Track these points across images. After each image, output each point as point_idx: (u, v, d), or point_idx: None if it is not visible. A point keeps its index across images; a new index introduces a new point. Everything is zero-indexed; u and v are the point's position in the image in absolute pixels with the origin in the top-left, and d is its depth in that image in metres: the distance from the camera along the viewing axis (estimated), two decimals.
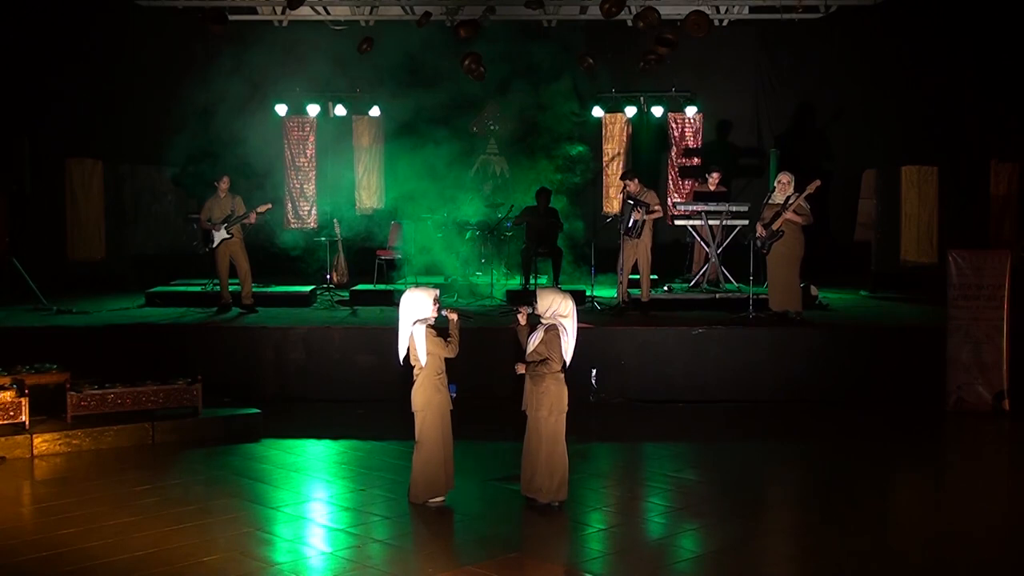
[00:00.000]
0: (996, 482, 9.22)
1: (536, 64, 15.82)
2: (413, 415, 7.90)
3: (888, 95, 15.41)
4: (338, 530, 7.53)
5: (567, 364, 7.79)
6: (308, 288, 14.39)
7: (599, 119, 17.14)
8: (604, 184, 17.24)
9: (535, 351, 7.71)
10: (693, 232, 14.59)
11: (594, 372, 11.44)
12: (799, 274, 12.39)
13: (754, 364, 11.63)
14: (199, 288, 14.31)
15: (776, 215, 12.21)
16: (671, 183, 17.13)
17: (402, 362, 7.89)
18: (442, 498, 7.93)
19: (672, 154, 17.19)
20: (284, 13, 16.04)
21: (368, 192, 17.33)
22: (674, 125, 17.12)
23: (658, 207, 12.85)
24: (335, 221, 15.12)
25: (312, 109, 16.86)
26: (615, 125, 17.21)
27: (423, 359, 7.74)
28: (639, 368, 11.65)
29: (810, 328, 12.13)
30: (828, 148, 16.91)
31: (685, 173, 17.05)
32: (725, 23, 16.51)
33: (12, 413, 9.37)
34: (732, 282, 14.11)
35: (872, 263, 16.01)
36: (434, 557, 7.01)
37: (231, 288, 13.32)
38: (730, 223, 13.97)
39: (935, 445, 10.40)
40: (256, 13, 16.24)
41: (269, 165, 16.18)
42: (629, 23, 14.42)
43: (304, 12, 15.68)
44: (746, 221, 13.77)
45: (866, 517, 7.87)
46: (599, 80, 16.49)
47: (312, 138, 17.19)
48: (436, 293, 7.84)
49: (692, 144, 17.14)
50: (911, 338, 11.85)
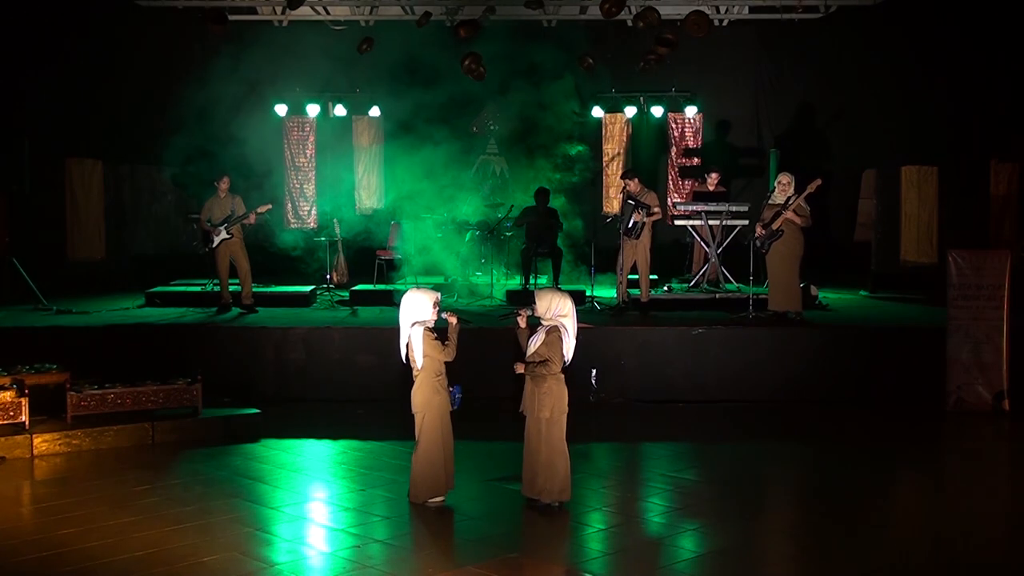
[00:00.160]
0: (996, 482, 9.21)
1: (536, 64, 15.81)
2: (413, 416, 7.90)
3: (888, 95, 15.41)
4: (338, 530, 7.53)
5: (567, 364, 7.80)
6: (308, 288, 14.39)
7: (599, 119, 17.16)
8: (604, 184, 17.24)
9: (536, 352, 7.69)
10: (693, 232, 14.58)
11: (594, 372, 11.44)
12: (799, 274, 12.41)
13: (754, 364, 11.63)
14: (199, 288, 14.31)
15: (776, 215, 12.22)
16: (671, 183, 17.13)
17: (403, 361, 7.90)
18: (442, 498, 7.92)
19: (672, 154, 17.19)
20: (284, 13, 16.04)
21: (368, 192, 17.33)
22: (674, 125, 17.12)
23: (658, 209, 12.85)
24: (335, 221, 15.12)
25: (312, 109, 16.87)
26: (615, 125, 17.21)
27: (419, 361, 7.77)
28: (639, 368, 11.65)
29: (810, 328, 12.13)
30: (828, 148, 16.91)
31: (685, 173, 17.05)
32: (725, 23, 16.50)
33: (12, 413, 9.37)
34: (732, 282, 14.11)
35: (872, 263, 16.00)
36: (434, 557, 7.01)
37: (231, 288, 13.32)
38: (730, 223, 13.97)
39: (935, 445, 10.40)
40: (256, 13, 16.24)
41: (269, 165, 16.19)
42: (629, 23, 14.42)
43: (304, 12, 15.67)
44: (746, 221, 13.77)
45: (866, 517, 7.87)
46: (599, 80, 16.49)
47: (312, 138, 17.20)
48: (437, 297, 7.83)
49: (692, 144, 17.14)
50: (911, 338, 11.85)
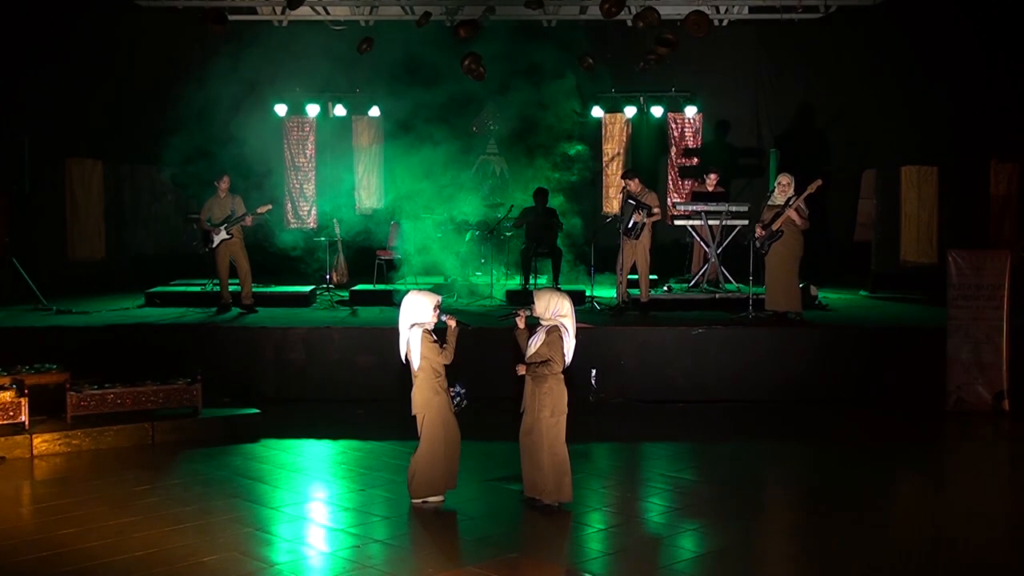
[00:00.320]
0: (996, 482, 9.22)
1: (536, 64, 15.81)
2: (414, 417, 7.91)
3: (888, 95, 15.42)
4: (338, 530, 7.53)
5: (567, 364, 7.80)
6: (308, 288, 14.39)
7: (599, 119, 17.15)
8: (604, 184, 17.24)
9: (537, 352, 7.69)
10: (693, 232, 14.58)
11: (594, 372, 11.44)
12: (799, 274, 12.41)
13: (754, 364, 11.63)
14: (199, 288, 14.31)
15: (775, 216, 12.22)
16: (671, 183, 17.13)
17: (403, 361, 7.91)
18: (441, 498, 7.93)
19: (672, 154, 17.19)
20: (284, 13, 16.04)
21: (368, 192, 17.33)
22: (674, 125, 17.12)
23: (658, 209, 12.85)
24: (335, 221, 15.12)
25: (312, 109, 16.87)
26: (615, 125, 17.21)
27: (416, 363, 7.78)
28: (639, 368, 11.65)
29: (810, 328, 12.13)
30: (828, 148, 16.91)
31: (684, 173, 17.05)
32: (725, 23, 16.50)
33: (12, 413, 9.37)
34: (732, 282, 14.11)
35: (872, 263, 16.01)
36: (434, 557, 7.00)
37: (231, 288, 13.33)
38: (730, 223, 13.97)
39: (935, 445, 10.39)
40: (256, 13, 16.24)
41: (269, 165, 16.19)
42: (629, 23, 14.41)
43: (304, 12, 15.67)
44: (746, 221, 13.76)
45: (866, 517, 7.87)
46: (599, 80, 16.48)
47: (312, 138, 17.20)
48: (438, 300, 7.85)
49: (692, 144, 17.14)
50: (911, 338, 11.85)
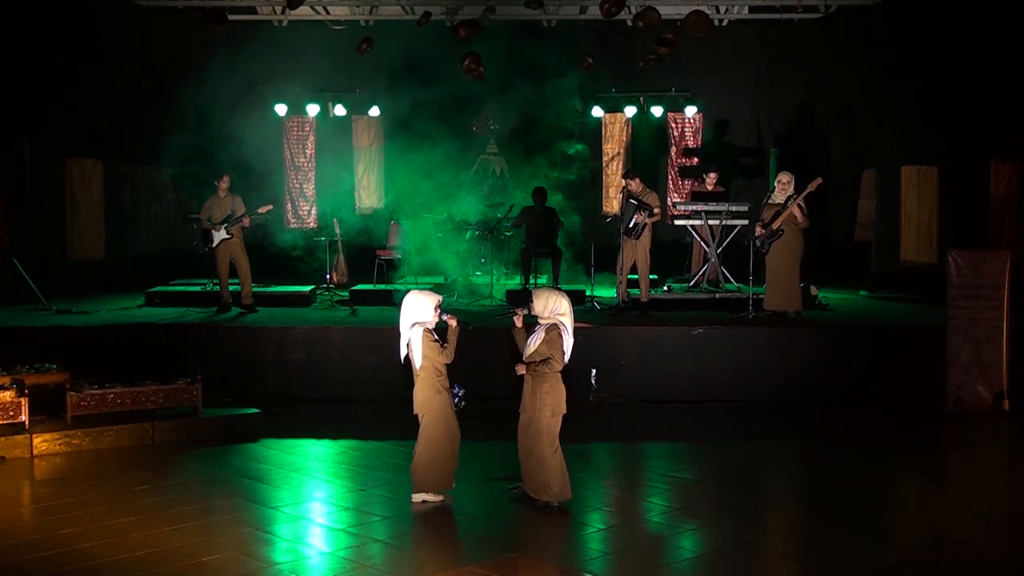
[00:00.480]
0: (996, 482, 9.22)
1: (536, 64, 15.80)
2: (416, 416, 7.92)
3: (888, 95, 15.41)
4: (338, 530, 7.53)
5: (566, 363, 7.81)
6: (308, 288, 14.39)
7: (599, 119, 17.15)
8: (604, 184, 17.24)
9: (537, 351, 7.69)
10: (693, 232, 14.58)
11: (594, 372, 11.44)
12: (799, 274, 12.40)
13: (754, 364, 11.63)
14: (199, 288, 14.31)
15: (776, 215, 12.22)
16: (671, 183, 17.13)
17: (402, 361, 7.92)
18: (441, 497, 7.94)
19: (672, 154, 17.19)
20: (284, 13, 16.04)
21: (368, 192, 17.33)
22: (674, 125, 17.12)
23: (659, 209, 12.85)
24: (335, 221, 15.12)
25: (312, 109, 16.87)
26: (615, 125, 17.21)
27: (418, 363, 7.79)
28: (639, 368, 11.65)
29: (810, 328, 12.13)
30: (828, 148, 16.91)
31: (684, 173, 17.04)
32: (725, 23, 16.50)
33: (12, 413, 9.38)
34: (732, 282, 14.11)
35: (872, 263, 16.01)
36: (434, 557, 7.00)
37: (231, 288, 13.33)
38: (730, 223, 13.97)
39: (935, 445, 10.40)
40: (256, 13, 16.24)
41: (268, 165, 16.17)
42: (629, 23, 14.41)
43: (304, 12, 15.67)
44: (746, 221, 13.76)
45: (866, 517, 7.87)
46: (599, 80, 16.48)
47: (312, 138, 17.19)
48: (439, 299, 7.87)
49: (692, 144, 17.13)
50: (911, 338, 11.85)
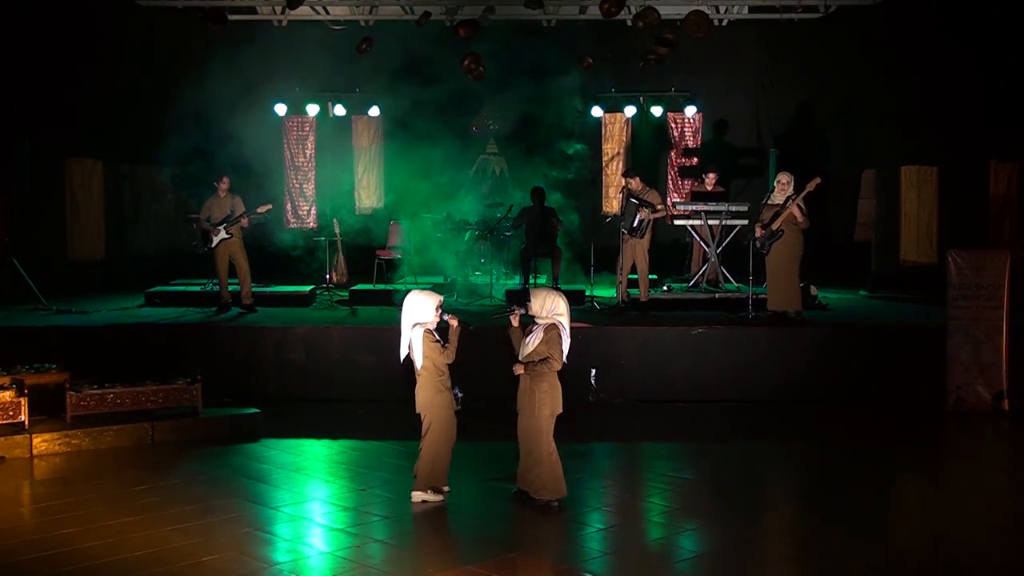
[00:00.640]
0: (996, 482, 9.21)
1: (536, 64, 15.80)
2: (417, 415, 7.94)
3: (888, 95, 15.40)
4: (338, 530, 7.53)
5: (565, 363, 7.83)
6: (308, 288, 14.39)
7: (599, 119, 17.14)
8: (603, 184, 17.23)
9: (536, 351, 7.71)
10: (693, 232, 14.58)
11: (594, 372, 11.43)
12: (799, 274, 12.40)
13: (754, 364, 11.62)
14: (199, 288, 14.29)
15: (775, 215, 12.22)
16: (671, 183, 17.12)
17: (402, 361, 7.93)
18: (441, 498, 7.94)
19: (672, 154, 17.18)
20: (283, 13, 16.03)
21: (367, 192, 17.32)
22: (674, 125, 17.11)
23: (661, 206, 12.85)
24: (335, 221, 15.11)
25: (311, 109, 16.86)
26: (615, 125, 17.20)
27: (419, 363, 7.81)
28: (639, 368, 11.64)
29: (810, 328, 12.12)
30: (828, 148, 16.90)
31: (684, 173, 17.04)
32: (725, 23, 16.49)
33: (12, 413, 9.37)
34: (732, 282, 14.10)
35: (872, 263, 16.00)
36: (434, 557, 7.01)
37: (231, 288, 13.32)
38: (730, 223, 13.97)
39: (935, 445, 10.40)
40: (256, 13, 16.23)
41: (268, 165, 16.17)
42: (629, 23, 14.40)
43: (303, 12, 15.67)
44: (746, 221, 13.75)
45: (866, 517, 7.87)
46: (599, 80, 16.47)
47: (311, 138, 17.19)
48: (440, 300, 7.89)
49: (692, 144, 17.13)
50: (911, 338, 11.84)
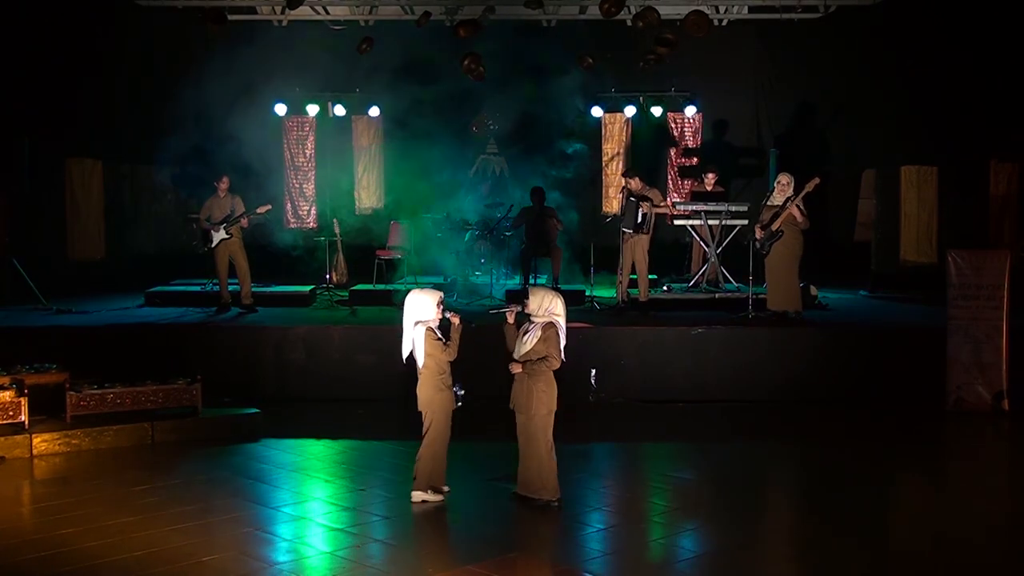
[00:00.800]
0: (996, 482, 9.22)
1: (536, 64, 15.80)
2: (418, 413, 7.97)
3: (888, 95, 15.40)
4: (338, 530, 7.53)
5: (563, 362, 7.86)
6: (308, 288, 14.38)
7: (599, 119, 17.13)
8: (603, 184, 17.22)
9: (534, 349, 7.73)
10: (692, 232, 14.57)
11: (594, 372, 11.43)
12: (799, 274, 12.40)
13: (754, 364, 11.62)
14: (199, 288, 14.29)
15: (775, 216, 12.22)
16: (671, 183, 17.12)
17: (404, 361, 7.94)
18: (441, 497, 7.95)
19: (672, 154, 17.18)
20: (284, 13, 16.02)
21: (367, 192, 17.31)
22: (674, 125, 17.11)
23: (663, 203, 12.82)
24: (335, 221, 15.11)
25: (311, 109, 16.85)
26: (615, 125, 17.19)
27: (421, 360, 7.83)
28: (639, 368, 11.64)
29: (810, 328, 12.13)
30: (828, 148, 16.89)
31: (684, 173, 17.04)
32: (725, 23, 16.48)
33: (12, 413, 9.37)
34: (732, 282, 14.10)
35: (872, 263, 16.00)
36: (434, 557, 7.01)
37: (231, 288, 13.32)
38: (729, 223, 13.96)
39: (935, 445, 10.40)
40: (256, 13, 16.22)
41: (268, 165, 16.16)
42: (629, 23, 14.39)
43: (304, 12, 15.65)
44: (745, 221, 13.75)
45: (866, 517, 7.87)
46: (599, 80, 16.46)
47: (311, 138, 17.17)
48: (440, 296, 7.93)
49: (692, 144, 17.12)
50: (911, 338, 11.84)
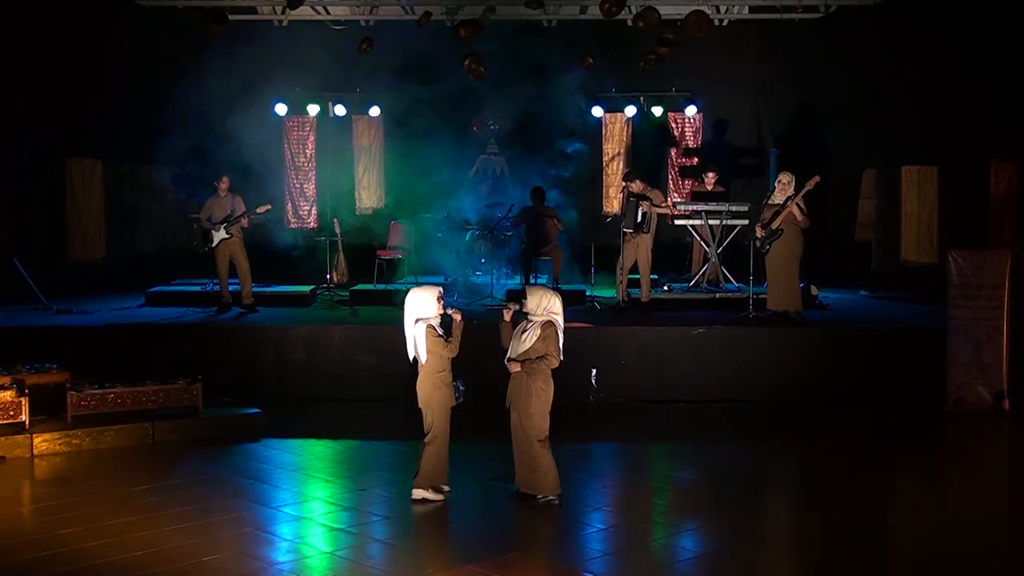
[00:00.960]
0: (996, 482, 9.22)
1: (536, 64, 15.80)
2: (418, 410, 8.00)
3: (888, 95, 15.41)
4: (338, 530, 7.53)
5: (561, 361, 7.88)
6: (308, 288, 14.39)
7: (599, 119, 17.13)
8: (604, 184, 17.22)
9: (533, 348, 7.75)
10: (693, 232, 14.58)
11: (594, 372, 11.43)
12: (799, 274, 12.40)
13: (754, 364, 11.62)
14: (199, 288, 14.29)
15: (775, 215, 12.22)
16: (671, 183, 17.12)
17: (411, 360, 7.95)
18: (441, 496, 7.95)
19: (672, 154, 17.18)
20: (284, 13, 16.01)
21: (368, 192, 17.31)
22: (674, 125, 17.10)
23: (665, 203, 12.82)
24: (335, 221, 15.11)
25: (312, 109, 16.85)
26: (615, 125, 17.19)
27: (423, 357, 7.83)
28: (639, 368, 11.64)
29: (810, 328, 12.13)
30: (828, 148, 16.89)
31: (685, 173, 17.04)
32: (725, 23, 16.47)
33: (12, 413, 9.38)
34: (732, 282, 14.10)
35: (872, 263, 16.01)
36: (434, 557, 7.01)
37: (231, 288, 13.32)
38: (730, 223, 13.96)
39: (935, 445, 10.40)
40: (256, 13, 16.21)
41: (269, 165, 16.17)
42: (629, 23, 14.39)
43: (304, 12, 15.65)
44: (746, 221, 13.75)
45: (865, 517, 7.87)
46: (599, 80, 16.46)
47: (312, 138, 17.17)
48: (439, 291, 7.97)
49: (692, 144, 17.12)
50: (911, 338, 11.84)
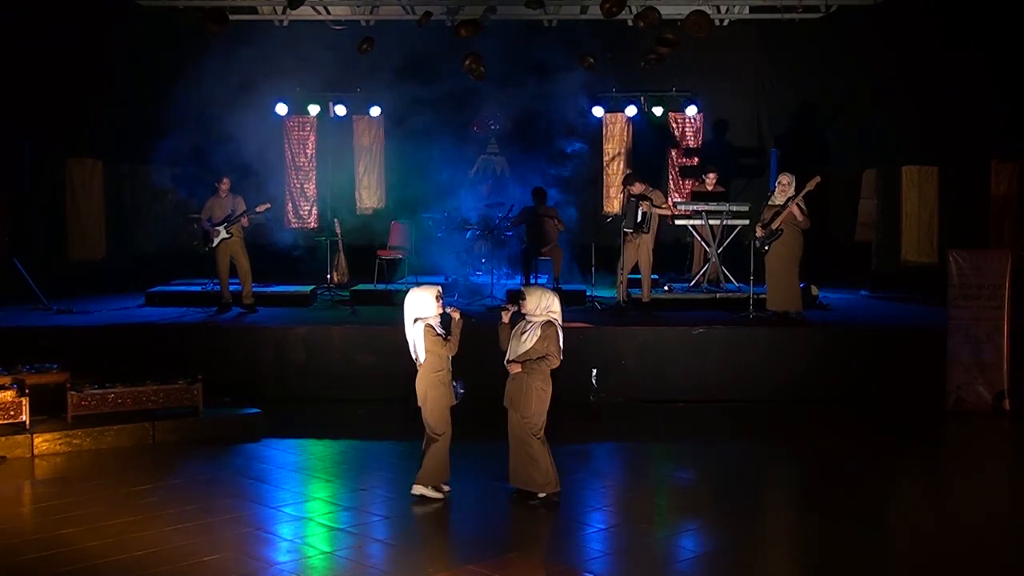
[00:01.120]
0: (996, 482, 9.22)
1: (536, 64, 15.80)
2: (418, 408, 8.02)
3: (888, 95, 15.41)
4: (338, 530, 7.53)
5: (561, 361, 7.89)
6: (308, 288, 14.39)
7: (600, 118, 17.13)
8: (604, 184, 17.23)
9: (534, 348, 7.75)
10: (693, 232, 14.58)
11: (594, 372, 11.44)
12: (799, 274, 12.40)
13: (754, 364, 11.62)
14: (199, 288, 14.29)
15: (775, 215, 12.22)
16: (672, 183, 17.12)
17: (414, 361, 7.95)
18: (440, 495, 7.96)
19: (673, 154, 17.18)
20: (284, 13, 16.02)
21: (368, 192, 17.32)
22: (674, 125, 17.11)
23: (665, 204, 12.82)
24: (335, 221, 15.12)
25: (312, 109, 16.85)
26: (616, 125, 17.19)
27: (422, 356, 7.85)
28: (639, 368, 11.64)
29: (810, 328, 12.13)
30: (828, 148, 16.90)
31: (685, 173, 17.05)
32: (725, 23, 16.48)
33: (12, 413, 9.38)
34: (732, 282, 14.10)
35: (872, 263, 16.01)
36: (434, 557, 7.02)
37: (231, 288, 13.33)
38: (730, 223, 13.97)
39: (935, 445, 10.40)
40: (256, 13, 16.23)
41: (269, 165, 16.17)
42: (630, 23, 14.40)
43: (304, 12, 15.66)
44: (746, 221, 13.75)
45: (866, 517, 7.87)
46: (600, 80, 16.46)
47: (312, 138, 17.18)
48: (438, 290, 7.99)
49: (692, 144, 17.13)
50: (911, 338, 11.85)
